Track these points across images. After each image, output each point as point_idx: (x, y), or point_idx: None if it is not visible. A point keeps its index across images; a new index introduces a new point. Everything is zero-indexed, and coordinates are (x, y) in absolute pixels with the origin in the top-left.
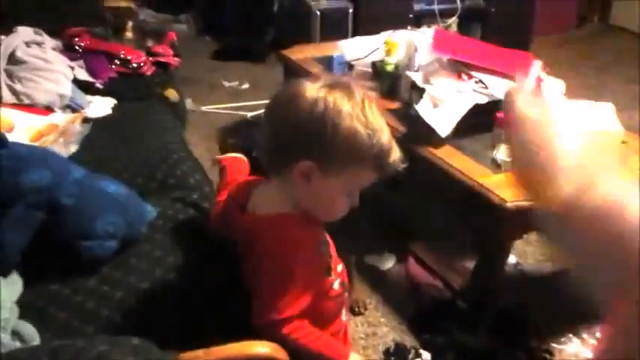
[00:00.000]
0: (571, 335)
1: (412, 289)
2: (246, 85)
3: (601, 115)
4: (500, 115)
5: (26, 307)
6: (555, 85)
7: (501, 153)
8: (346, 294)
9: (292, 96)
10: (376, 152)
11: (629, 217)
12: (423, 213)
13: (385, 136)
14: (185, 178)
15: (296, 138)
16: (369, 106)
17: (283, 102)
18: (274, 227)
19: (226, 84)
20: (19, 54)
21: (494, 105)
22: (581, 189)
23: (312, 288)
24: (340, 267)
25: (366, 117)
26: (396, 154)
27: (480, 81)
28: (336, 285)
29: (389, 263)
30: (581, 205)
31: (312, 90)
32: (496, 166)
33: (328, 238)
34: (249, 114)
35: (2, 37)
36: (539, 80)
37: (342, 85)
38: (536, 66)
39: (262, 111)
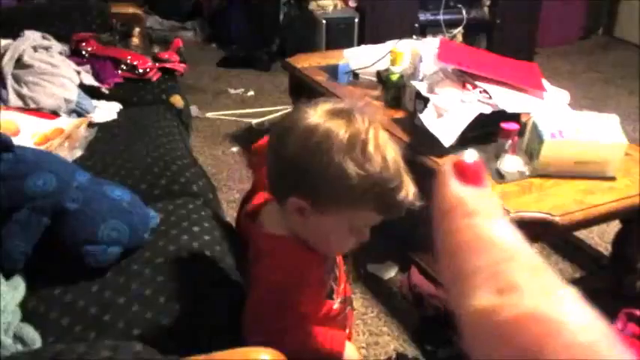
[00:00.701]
0: None
1: (415, 299)
2: (251, 93)
3: (606, 127)
4: (504, 125)
5: (29, 311)
6: (560, 96)
7: (505, 164)
8: (349, 308)
9: (289, 125)
10: (376, 194)
11: (547, 331)
12: (426, 223)
13: (389, 174)
14: (189, 185)
15: (288, 172)
16: (373, 138)
17: (280, 131)
18: (279, 251)
19: (231, 91)
20: (26, 58)
21: (499, 115)
22: (502, 295)
23: (309, 318)
24: (342, 285)
25: (365, 154)
26: (406, 192)
27: (485, 91)
28: (337, 305)
29: (391, 272)
30: (498, 313)
31: (308, 119)
32: (500, 176)
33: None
34: (254, 121)
35: (10, 40)
36: (480, 160)
37: (343, 114)
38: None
39: (267, 118)
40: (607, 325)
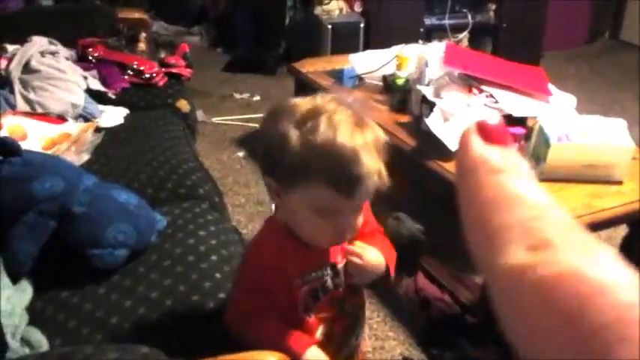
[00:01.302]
0: None
1: (421, 303)
2: (257, 98)
3: (612, 131)
4: (510, 129)
5: (36, 314)
6: (566, 100)
7: None
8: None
9: (271, 109)
10: (323, 167)
11: (589, 290)
12: (432, 227)
13: (335, 148)
14: (195, 189)
15: (261, 152)
16: (331, 116)
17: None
18: (263, 234)
19: (237, 96)
20: (33, 63)
21: (505, 119)
22: (536, 251)
23: (261, 296)
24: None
25: (313, 127)
26: (361, 169)
27: (491, 95)
28: (318, 333)
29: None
30: (532, 272)
31: (284, 104)
32: None
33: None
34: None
35: (17, 46)
36: (503, 122)
37: (321, 97)
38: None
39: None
40: None
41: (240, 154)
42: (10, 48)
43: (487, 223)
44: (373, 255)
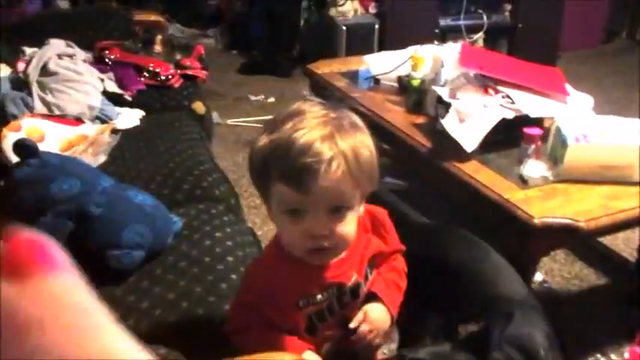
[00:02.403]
0: (599, 355)
1: None
2: (271, 99)
3: (630, 131)
4: (527, 130)
5: None
6: (583, 101)
7: (528, 169)
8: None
9: None
10: (276, 160)
11: None
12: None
13: (289, 142)
14: (211, 190)
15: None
16: (304, 118)
17: None
18: (266, 246)
19: (252, 98)
20: (51, 65)
21: (522, 120)
22: None
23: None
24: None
25: (280, 125)
26: (306, 158)
27: (507, 96)
28: (324, 350)
29: None
30: None
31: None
32: (523, 181)
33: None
34: None
35: (35, 49)
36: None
37: (301, 104)
38: None
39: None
40: None
41: None
42: (29, 51)
43: None
44: (378, 316)
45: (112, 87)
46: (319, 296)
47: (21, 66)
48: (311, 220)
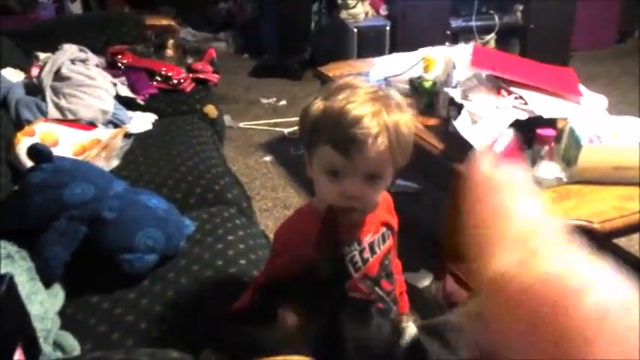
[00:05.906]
0: None
1: (449, 307)
2: (283, 102)
3: None
4: (540, 131)
5: (67, 319)
6: (597, 101)
7: (542, 170)
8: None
9: None
10: (328, 126)
11: (559, 296)
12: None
13: (343, 111)
14: (223, 193)
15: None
16: (356, 91)
17: None
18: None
19: (264, 101)
20: (64, 70)
21: (535, 121)
22: (523, 261)
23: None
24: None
25: (334, 95)
26: (355, 129)
27: (520, 97)
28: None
29: (426, 281)
30: (514, 278)
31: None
32: (536, 183)
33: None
34: (286, 130)
35: (49, 54)
36: (509, 148)
37: (353, 78)
38: (507, 135)
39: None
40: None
41: (267, 158)
42: (42, 56)
43: (483, 235)
44: None
45: (125, 91)
46: (347, 248)
47: (35, 71)
48: (349, 182)
